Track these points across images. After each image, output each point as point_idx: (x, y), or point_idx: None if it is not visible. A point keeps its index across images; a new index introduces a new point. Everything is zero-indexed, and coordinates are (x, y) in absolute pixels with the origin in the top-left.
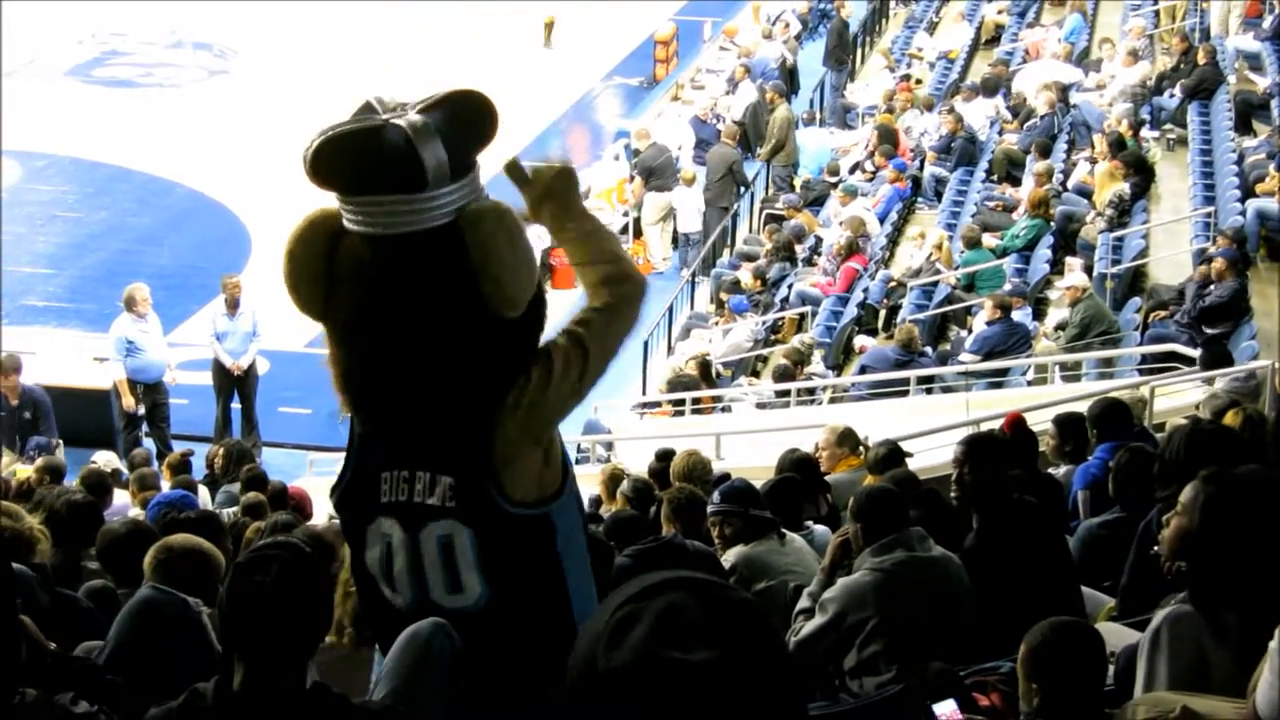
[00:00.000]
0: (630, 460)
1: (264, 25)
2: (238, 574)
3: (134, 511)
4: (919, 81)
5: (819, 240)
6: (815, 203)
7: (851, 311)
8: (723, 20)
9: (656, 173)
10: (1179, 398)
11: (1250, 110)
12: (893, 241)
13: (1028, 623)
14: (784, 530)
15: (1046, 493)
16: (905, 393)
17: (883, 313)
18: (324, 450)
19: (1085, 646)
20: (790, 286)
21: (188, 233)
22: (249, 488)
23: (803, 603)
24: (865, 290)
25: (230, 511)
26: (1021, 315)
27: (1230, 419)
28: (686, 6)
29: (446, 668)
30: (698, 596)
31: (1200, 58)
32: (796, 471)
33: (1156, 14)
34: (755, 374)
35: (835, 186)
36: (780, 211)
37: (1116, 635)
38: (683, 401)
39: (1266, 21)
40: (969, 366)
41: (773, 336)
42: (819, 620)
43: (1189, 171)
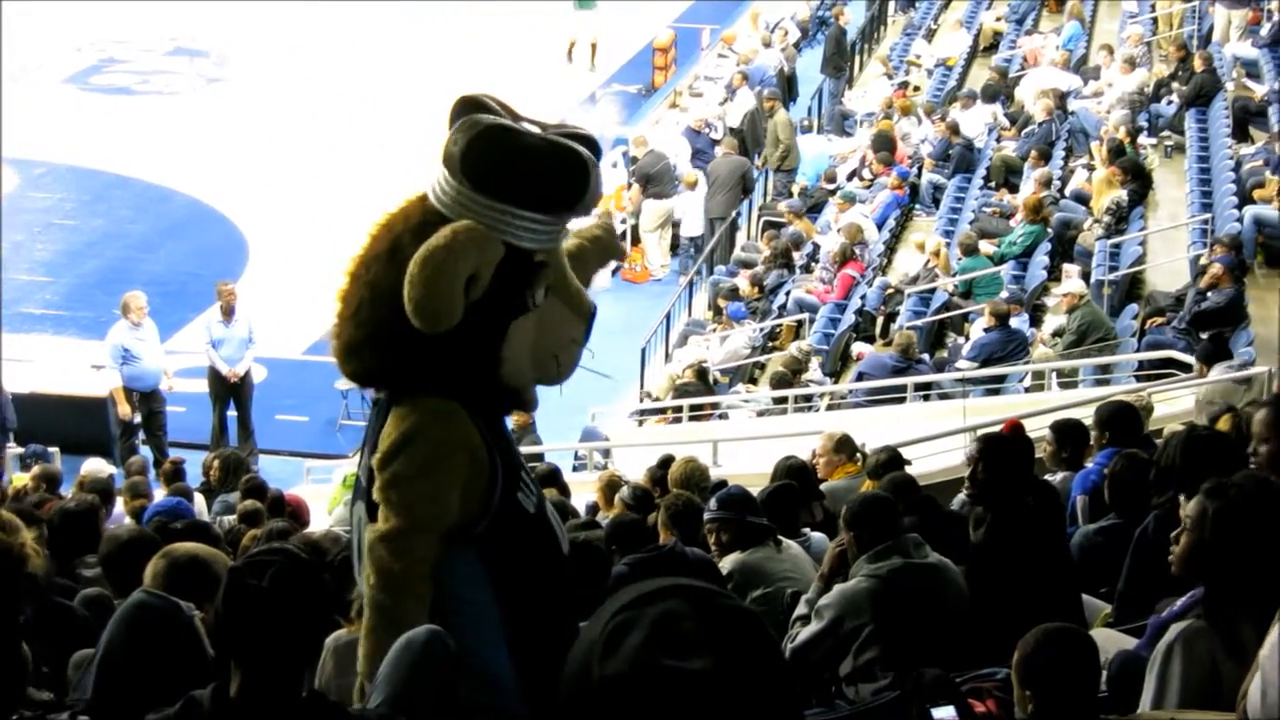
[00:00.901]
0: (628, 467)
1: (262, 32)
2: (234, 579)
3: (127, 520)
4: (917, 89)
5: (817, 247)
6: (813, 210)
7: (849, 318)
8: (721, 28)
9: (654, 180)
10: (1176, 404)
11: (1248, 117)
12: (890, 248)
13: (1030, 623)
14: (780, 537)
15: (1044, 498)
16: (903, 400)
17: (880, 319)
18: (321, 458)
19: (1078, 653)
20: (788, 293)
21: (185, 240)
22: (248, 496)
23: (799, 609)
24: (863, 297)
25: (227, 520)
26: (1019, 322)
27: (1224, 424)
28: (685, 14)
29: (441, 674)
30: (693, 604)
31: (1197, 65)
32: (792, 478)
33: (1154, 21)
34: (753, 381)
35: (833, 193)
36: (779, 218)
37: (1111, 641)
38: (680, 408)
39: (1264, 29)
40: (966, 373)
41: (770, 343)
42: (815, 626)
43: (1186, 178)
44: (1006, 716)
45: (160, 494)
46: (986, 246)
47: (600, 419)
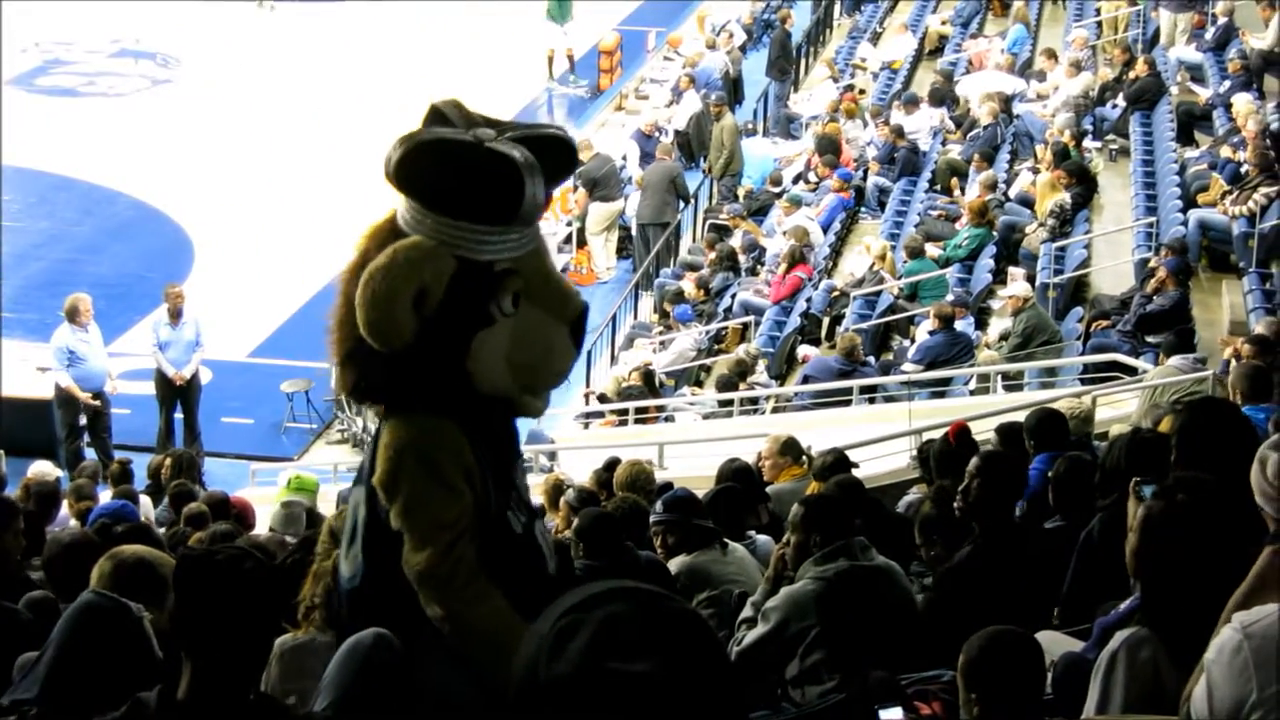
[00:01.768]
0: (573, 470)
1: (207, 34)
2: (189, 575)
3: (72, 523)
4: (862, 92)
5: (762, 250)
6: (758, 212)
7: (794, 321)
8: (667, 30)
9: (600, 183)
10: (1121, 407)
11: (1192, 121)
12: (836, 251)
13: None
14: (726, 540)
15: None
16: (848, 402)
17: (826, 322)
18: (266, 460)
19: (1023, 656)
20: (734, 296)
21: (130, 242)
22: (176, 504)
23: (746, 611)
24: (808, 300)
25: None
26: (964, 325)
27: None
28: (630, 16)
29: (387, 678)
30: (638, 607)
31: (1142, 69)
32: (737, 481)
33: (1099, 25)
34: (699, 383)
35: (778, 196)
36: (724, 221)
37: (1056, 644)
38: (626, 411)
39: (1209, 33)
40: (912, 376)
41: (716, 346)
42: (761, 629)
43: (1131, 182)
44: (952, 718)
45: (107, 496)
46: (932, 249)
47: (546, 421)
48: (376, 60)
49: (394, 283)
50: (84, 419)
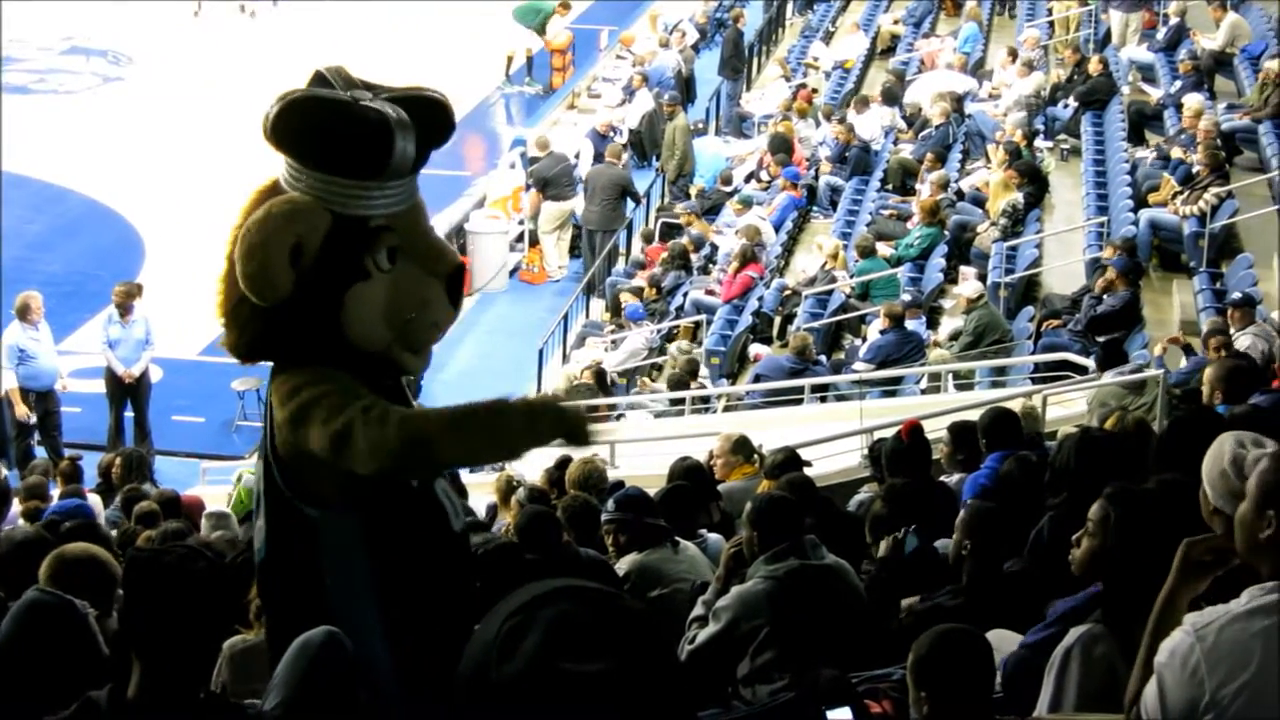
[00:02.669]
0: (525, 468)
1: (159, 32)
2: (138, 575)
3: (21, 522)
4: (815, 91)
5: (714, 249)
6: (710, 211)
7: (746, 320)
8: (619, 29)
9: (552, 182)
10: (1071, 406)
11: (1143, 121)
12: (788, 250)
13: None
14: (678, 538)
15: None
16: (800, 401)
17: (777, 321)
18: (217, 459)
19: (972, 654)
20: (685, 295)
21: (81, 240)
22: (127, 506)
23: (697, 610)
24: (760, 299)
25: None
26: (915, 324)
27: (1110, 424)
28: (583, 15)
29: (337, 676)
30: (588, 607)
31: (1093, 68)
32: (688, 479)
33: (1051, 25)
34: (650, 378)
35: (730, 195)
36: (676, 220)
37: (1006, 642)
38: None
39: (1160, 33)
40: (863, 375)
41: (668, 345)
42: (712, 628)
43: (1082, 181)
44: (902, 717)
45: (57, 493)
46: (884, 249)
47: None
48: (329, 59)
49: (269, 235)
50: (34, 418)
